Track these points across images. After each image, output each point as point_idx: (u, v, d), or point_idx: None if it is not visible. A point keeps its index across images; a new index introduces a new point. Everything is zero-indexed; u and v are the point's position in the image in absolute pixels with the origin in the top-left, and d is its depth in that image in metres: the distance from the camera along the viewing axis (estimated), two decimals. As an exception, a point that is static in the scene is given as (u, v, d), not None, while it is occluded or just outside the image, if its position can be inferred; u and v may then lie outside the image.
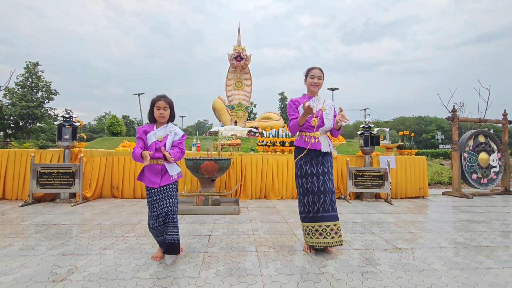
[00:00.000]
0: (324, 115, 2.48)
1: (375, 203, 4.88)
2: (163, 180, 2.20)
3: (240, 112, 16.86)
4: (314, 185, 2.41)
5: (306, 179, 2.45)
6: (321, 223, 2.40)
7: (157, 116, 2.24)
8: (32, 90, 26.64)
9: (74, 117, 4.80)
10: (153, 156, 2.20)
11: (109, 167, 4.99)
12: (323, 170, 2.44)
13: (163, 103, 2.23)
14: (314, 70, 2.52)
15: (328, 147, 2.46)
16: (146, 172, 2.23)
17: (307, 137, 2.48)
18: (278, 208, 4.31)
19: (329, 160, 2.49)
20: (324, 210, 2.40)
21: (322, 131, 2.48)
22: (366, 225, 3.42)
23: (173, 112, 2.31)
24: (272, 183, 5.16)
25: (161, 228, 2.20)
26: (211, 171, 4.01)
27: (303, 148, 2.47)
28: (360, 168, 5.10)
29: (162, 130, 2.26)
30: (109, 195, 5.01)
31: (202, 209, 3.93)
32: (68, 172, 4.50)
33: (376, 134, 5.36)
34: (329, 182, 2.45)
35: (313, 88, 2.52)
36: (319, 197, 2.40)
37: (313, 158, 2.44)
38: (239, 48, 16.76)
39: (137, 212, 3.93)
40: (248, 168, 5.13)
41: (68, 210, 4.02)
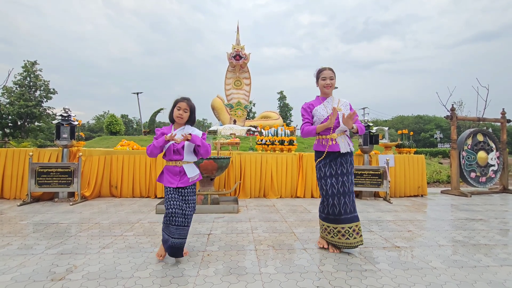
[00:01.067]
0: (339, 115, 2.44)
1: (374, 202, 4.88)
2: (181, 182, 2.20)
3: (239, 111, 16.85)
4: (333, 187, 2.39)
5: (325, 181, 2.43)
6: (344, 225, 2.38)
7: (175, 116, 2.25)
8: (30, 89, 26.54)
9: (72, 116, 4.78)
10: (170, 159, 2.21)
11: (107, 166, 4.98)
12: (342, 171, 2.41)
13: (184, 105, 2.24)
14: (325, 71, 2.49)
15: (347, 147, 2.42)
16: (165, 173, 2.25)
17: (324, 140, 2.45)
18: (277, 207, 4.32)
19: (348, 159, 2.45)
20: (346, 212, 2.38)
21: (339, 132, 2.45)
22: (365, 223, 3.42)
23: (193, 116, 2.31)
24: (271, 182, 5.16)
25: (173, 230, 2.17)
26: (210, 170, 4.01)
27: (321, 152, 2.46)
28: (359, 166, 5.10)
29: (179, 132, 2.26)
30: (108, 194, 5.00)
31: (201, 208, 3.93)
32: (67, 171, 4.49)
33: (375, 133, 5.37)
34: (348, 182, 2.42)
35: (326, 89, 2.50)
36: (339, 199, 2.38)
37: (332, 159, 2.43)
38: (238, 47, 16.73)
39: (136, 211, 3.92)
40: (247, 167, 5.13)
41: (67, 209, 4.01)
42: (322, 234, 2.51)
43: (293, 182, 5.21)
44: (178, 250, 2.19)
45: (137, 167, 5.00)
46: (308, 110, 2.53)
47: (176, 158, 2.21)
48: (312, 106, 2.53)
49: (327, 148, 2.43)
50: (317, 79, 2.57)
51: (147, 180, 5.00)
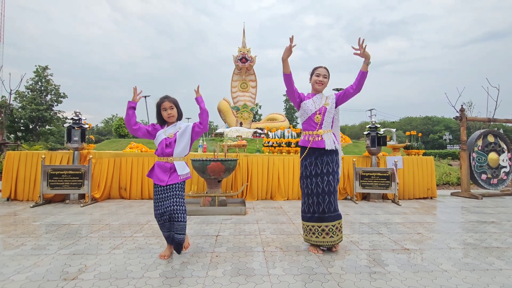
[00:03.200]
0: (327, 109, 2.46)
1: (382, 204, 4.83)
2: (171, 178, 2.23)
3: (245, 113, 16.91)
4: (318, 186, 2.41)
5: (311, 180, 2.44)
6: (328, 223, 2.41)
7: (166, 117, 2.30)
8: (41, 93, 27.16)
9: (83, 119, 4.89)
10: (162, 153, 2.25)
11: (117, 168, 5.06)
12: (328, 170, 2.43)
13: (168, 103, 2.29)
14: (320, 68, 2.53)
15: (332, 144, 2.43)
16: (156, 169, 2.29)
17: (310, 136, 2.46)
18: (284, 209, 4.31)
19: (334, 159, 2.47)
20: (330, 210, 2.41)
21: (326, 128, 2.46)
22: (374, 225, 3.40)
23: (179, 109, 2.37)
24: (278, 184, 5.16)
25: (168, 225, 2.24)
26: (218, 172, 4.03)
27: (305, 147, 2.47)
28: (367, 168, 5.06)
29: (172, 128, 2.33)
30: (117, 196, 5.08)
31: (209, 210, 3.95)
32: (78, 173, 4.58)
33: (383, 135, 5.32)
34: (334, 182, 2.45)
35: (317, 86, 2.52)
36: (324, 198, 2.40)
37: (318, 157, 2.43)
38: (244, 49, 16.83)
39: (145, 213, 3.97)
40: (254, 169, 5.14)
41: (78, 210, 4.10)
42: (306, 237, 2.50)
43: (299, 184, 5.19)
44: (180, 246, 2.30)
45: (146, 169, 5.06)
46: (301, 95, 2.54)
47: (168, 152, 2.24)
48: (305, 97, 2.55)
49: (310, 143, 2.43)
50: (311, 75, 2.59)
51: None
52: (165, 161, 2.24)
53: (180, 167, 2.26)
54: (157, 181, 2.23)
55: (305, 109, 2.48)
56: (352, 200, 5.09)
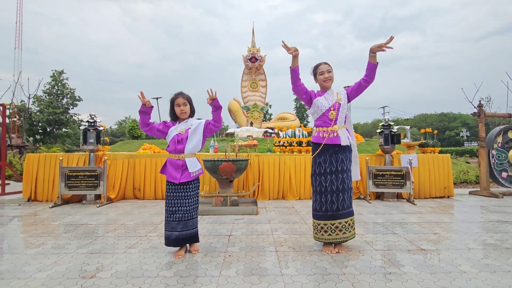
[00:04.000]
0: (341, 105, 2.45)
1: (397, 203, 4.75)
2: (183, 176, 2.27)
3: (255, 113, 16.93)
4: (333, 184, 2.40)
5: (325, 177, 2.43)
6: (341, 220, 2.41)
7: (179, 113, 2.34)
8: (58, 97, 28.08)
9: (98, 122, 5.02)
10: (174, 150, 2.28)
11: (131, 169, 5.18)
12: (342, 168, 2.41)
13: (182, 100, 2.33)
14: (321, 66, 2.51)
15: (347, 140, 2.43)
16: (168, 165, 2.33)
17: (324, 132, 2.45)
18: (296, 209, 4.30)
19: (348, 156, 2.46)
20: (344, 207, 2.41)
21: (341, 124, 2.46)
22: (388, 225, 3.34)
23: (192, 106, 2.41)
24: (289, 183, 5.15)
25: (174, 224, 2.27)
26: (229, 172, 4.06)
27: (319, 144, 2.45)
28: (380, 167, 4.98)
29: (183, 124, 2.37)
30: (132, 196, 5.20)
31: (221, 210, 3.99)
32: (94, 174, 4.72)
33: (396, 132, 5.22)
34: (348, 179, 2.43)
35: (326, 83, 2.50)
36: (338, 196, 2.39)
37: (333, 154, 2.41)
38: (254, 49, 16.84)
39: (158, 213, 4.05)
40: (265, 168, 5.15)
41: (94, 210, 4.22)
42: (317, 235, 2.48)
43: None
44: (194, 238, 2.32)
45: (159, 169, 5.13)
46: (309, 90, 2.53)
47: (180, 148, 2.27)
48: (315, 95, 2.54)
49: (325, 140, 2.42)
50: (314, 75, 2.57)
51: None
52: (177, 158, 2.28)
53: (191, 164, 2.29)
54: (170, 178, 2.28)
55: (319, 106, 2.47)
56: (365, 200, 5.03)
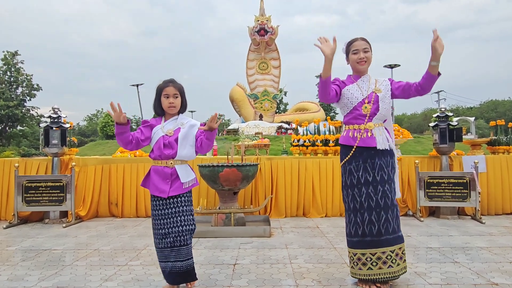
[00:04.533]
0: (380, 98, 2.44)
1: (457, 222, 4.69)
2: (173, 188, 2.27)
3: (266, 102, 16.98)
4: (371, 199, 2.38)
5: (359, 190, 2.41)
6: (386, 249, 2.36)
7: (166, 106, 2.34)
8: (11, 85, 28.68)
9: (63, 117, 5.13)
10: (160, 156, 2.30)
11: (105, 178, 5.28)
12: (382, 177, 2.39)
13: (172, 90, 2.33)
14: (356, 42, 2.49)
15: (386, 143, 2.41)
16: (152, 175, 2.32)
17: (356, 131, 2.44)
18: (322, 229, 4.30)
19: (389, 162, 2.44)
20: (388, 231, 2.36)
21: (378, 121, 2.44)
22: (446, 251, 3.30)
23: (184, 100, 2.41)
24: (312, 195, 5.15)
25: (167, 252, 2.28)
26: (233, 180, 4.09)
27: (351, 146, 2.44)
28: (435, 173, 4.91)
29: (171, 123, 2.36)
30: (107, 213, 5.29)
31: (223, 231, 4.01)
32: (58, 185, 4.83)
33: (456, 126, 5.14)
34: (391, 193, 2.41)
35: (360, 66, 2.49)
36: (379, 215, 2.37)
37: (368, 160, 2.41)
38: (263, 18, 16.85)
39: (142, 235, 4.11)
40: (280, 176, 5.16)
41: (60, 232, 4.31)
42: (354, 269, 2.45)
43: (341, 195, 5.14)
44: (190, 273, 2.31)
45: (141, 178, 5.18)
46: (337, 82, 2.53)
47: (168, 153, 2.28)
48: (344, 83, 2.53)
49: (357, 141, 2.40)
50: (347, 54, 2.56)
51: (154, 195, 5.22)
52: (164, 165, 2.29)
53: (183, 172, 2.30)
54: (156, 191, 2.28)
55: (349, 97, 2.46)
56: (415, 217, 4.97)
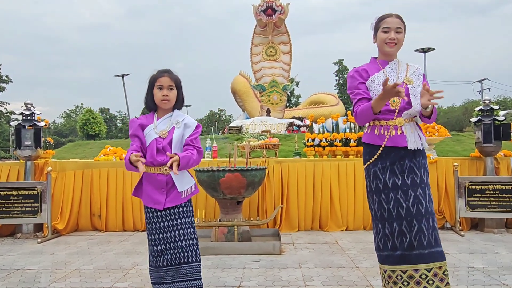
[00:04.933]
0: (410, 90, 2.42)
1: (505, 236, 4.67)
2: (169, 199, 2.29)
3: (274, 95, 16.98)
4: (400, 205, 2.37)
5: (386, 195, 2.41)
6: (419, 266, 2.34)
7: (158, 100, 2.35)
8: (-24, 77, 29.07)
9: (37, 114, 5.19)
10: (152, 162, 2.30)
11: (87, 185, 5.33)
12: (414, 180, 2.38)
13: (167, 81, 2.34)
14: (389, 19, 2.46)
15: (418, 142, 2.39)
16: (145, 184, 2.34)
17: (383, 128, 2.43)
18: (342, 245, 4.30)
19: (421, 163, 2.43)
20: (422, 244, 2.34)
21: (408, 116, 2.42)
22: (492, 272, 3.28)
23: (181, 94, 2.43)
24: (331, 205, 5.14)
25: (162, 273, 2.29)
26: (236, 188, 4.10)
27: (377, 146, 2.44)
28: (478, 178, 4.88)
29: (165, 122, 2.36)
30: (89, 226, 5.34)
31: (225, 247, 4.03)
32: (32, 194, 4.88)
33: (504, 122, 5.10)
34: (426, 198, 2.39)
35: (388, 48, 2.46)
36: (411, 224, 2.35)
37: (396, 161, 2.40)
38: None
39: (129, 252, 4.14)
40: (292, 182, 5.16)
41: (34, 248, 4.36)
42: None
43: (366, 206, 5.11)
44: None
45: (128, 185, 5.28)
46: (359, 80, 2.48)
47: (161, 160, 2.28)
48: (367, 73, 2.49)
49: (385, 140, 2.39)
50: (375, 31, 2.52)
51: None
52: (158, 172, 2.31)
53: (180, 180, 2.31)
54: (150, 203, 2.30)
55: (374, 90, 2.42)
56: (453, 230, 4.95)
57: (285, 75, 17.28)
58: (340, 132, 5.69)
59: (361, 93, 2.44)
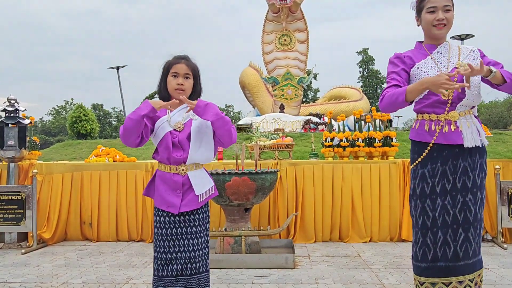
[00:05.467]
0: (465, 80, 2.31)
1: (554, 250, 4.57)
2: (185, 202, 2.28)
3: (289, 89, 16.96)
4: (447, 212, 2.36)
5: (432, 201, 2.39)
6: (463, 277, 2.35)
7: (172, 89, 2.34)
8: (-44, 70, 29.68)
9: (21, 111, 5.26)
10: (168, 159, 2.30)
11: (76, 190, 5.37)
12: (465, 184, 2.36)
13: (183, 68, 2.34)
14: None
15: (476, 139, 2.35)
16: (158, 184, 2.34)
17: (433, 123, 2.40)
18: (365, 258, 4.28)
19: (477, 163, 2.39)
20: (468, 254, 2.35)
21: (464, 108, 2.38)
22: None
23: (198, 84, 2.43)
24: (352, 213, 5.12)
25: (170, 282, 2.29)
26: (244, 193, 4.10)
27: (426, 143, 2.42)
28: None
29: (180, 113, 2.35)
30: (79, 236, 5.39)
31: (231, 260, 4.03)
32: (15, 199, 4.95)
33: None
34: (477, 204, 2.38)
35: (437, 30, 2.42)
36: (456, 233, 2.35)
37: (448, 161, 2.38)
38: (284, -25, 16.82)
39: (123, 264, 4.17)
40: (307, 187, 5.15)
41: (18, 260, 4.42)
42: None
43: (393, 214, 5.11)
44: None
45: (123, 190, 5.32)
46: (402, 65, 2.46)
47: (178, 157, 2.28)
48: (411, 59, 2.47)
49: (435, 136, 2.37)
50: (418, 11, 2.49)
51: (141, 212, 5.30)
52: (174, 171, 2.31)
53: (198, 181, 2.31)
54: (163, 205, 2.30)
55: (422, 78, 2.38)
56: (495, 243, 4.89)
57: (301, 67, 17.26)
58: (363, 130, 5.66)
59: (398, 79, 2.42)
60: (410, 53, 2.50)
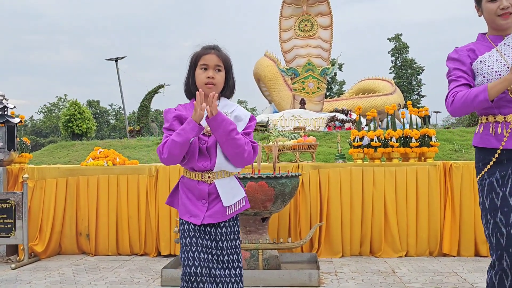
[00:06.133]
0: None
1: None
2: (210, 213, 2.28)
3: (310, 81, 16.91)
4: None
5: (505, 215, 2.34)
6: None
7: (201, 83, 2.32)
8: None
9: (10, 109, 5.33)
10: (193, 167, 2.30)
11: (72, 197, 5.42)
12: None
13: (214, 59, 2.33)
14: None
15: None
16: (182, 192, 2.36)
17: (500, 126, 2.39)
18: (400, 276, 4.25)
19: None
20: None
21: None
22: None
23: (231, 78, 2.42)
24: (385, 224, 5.09)
25: None
26: (261, 200, 4.11)
27: (493, 149, 2.41)
28: None
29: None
30: (74, 249, 5.43)
31: (247, 276, 4.00)
32: (4, 208, 5.00)
33: None
34: None
35: (503, 20, 2.39)
36: None
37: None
38: (305, -48, 16.80)
39: (125, 281, 4.19)
40: (333, 194, 5.14)
41: (8, 275, 4.46)
42: None
43: (433, 225, 5.06)
44: None
45: (124, 197, 5.36)
46: (464, 60, 2.45)
47: (205, 166, 2.28)
48: (474, 53, 2.46)
49: (504, 141, 2.34)
50: (478, 1, 2.48)
51: (143, 223, 5.33)
52: (199, 179, 2.32)
53: (227, 191, 2.32)
54: (185, 215, 2.31)
55: (485, 73, 2.38)
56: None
57: (324, 56, 17.17)
58: (397, 128, 5.61)
59: (466, 78, 2.41)
60: (473, 46, 2.49)
